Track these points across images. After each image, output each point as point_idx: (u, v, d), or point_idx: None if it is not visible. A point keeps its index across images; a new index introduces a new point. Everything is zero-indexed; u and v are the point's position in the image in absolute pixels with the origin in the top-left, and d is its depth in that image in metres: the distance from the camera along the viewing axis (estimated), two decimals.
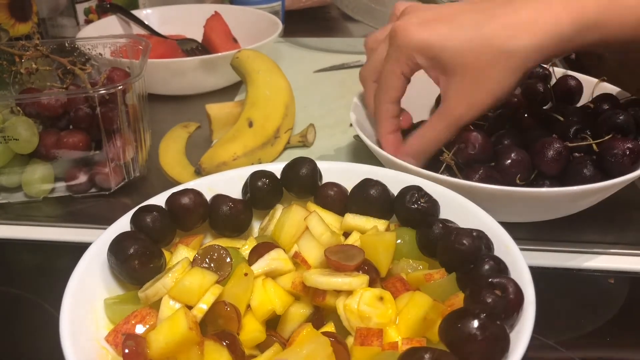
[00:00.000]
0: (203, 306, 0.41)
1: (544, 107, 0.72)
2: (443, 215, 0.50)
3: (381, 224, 0.50)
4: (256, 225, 0.55)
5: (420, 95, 0.76)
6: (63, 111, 0.67)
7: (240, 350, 0.39)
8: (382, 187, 0.51)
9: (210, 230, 0.53)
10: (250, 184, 0.53)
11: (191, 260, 0.45)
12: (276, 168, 0.55)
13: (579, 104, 0.72)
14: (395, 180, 0.53)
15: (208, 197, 0.52)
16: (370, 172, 0.55)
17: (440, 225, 0.47)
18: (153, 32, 1.07)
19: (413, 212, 0.50)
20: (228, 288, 0.43)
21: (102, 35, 0.81)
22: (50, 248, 0.64)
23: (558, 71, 0.75)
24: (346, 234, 0.50)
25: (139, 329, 0.42)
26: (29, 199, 0.69)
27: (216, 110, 0.81)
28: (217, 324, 0.41)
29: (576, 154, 0.60)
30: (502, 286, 0.40)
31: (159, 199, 0.52)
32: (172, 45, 1.03)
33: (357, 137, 0.77)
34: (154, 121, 0.80)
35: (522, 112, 0.68)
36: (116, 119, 0.66)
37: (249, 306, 0.43)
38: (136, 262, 0.44)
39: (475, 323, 0.36)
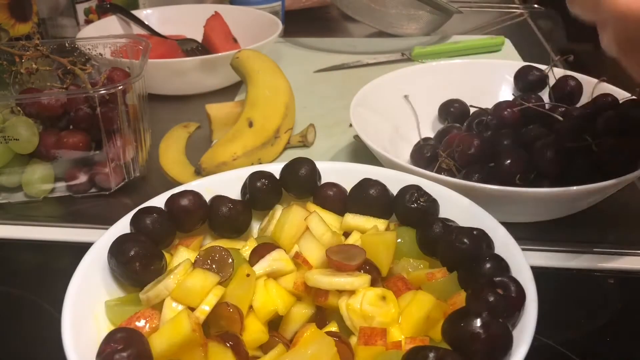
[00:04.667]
0: (205, 307, 0.41)
1: (544, 108, 0.72)
2: (442, 214, 0.50)
3: (381, 224, 0.50)
4: (255, 226, 0.55)
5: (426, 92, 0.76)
6: (63, 111, 0.67)
7: (244, 351, 0.39)
8: (382, 187, 0.52)
9: (209, 232, 0.53)
10: (249, 185, 0.53)
11: (192, 261, 0.45)
12: (275, 168, 0.55)
13: (579, 104, 0.72)
14: (394, 180, 0.53)
15: (207, 198, 0.52)
16: (370, 172, 0.55)
17: (440, 224, 0.47)
18: (153, 32, 1.07)
19: (413, 212, 0.50)
20: (230, 289, 0.43)
21: (102, 35, 0.81)
22: (50, 248, 0.64)
23: (558, 71, 0.76)
24: (346, 234, 0.50)
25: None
26: (29, 199, 0.69)
27: (216, 110, 0.81)
28: (220, 325, 0.41)
29: (576, 154, 0.61)
30: (503, 285, 0.40)
31: (159, 200, 0.52)
32: (172, 45, 1.03)
33: (357, 137, 0.77)
34: (154, 121, 0.80)
35: (522, 112, 0.68)
36: (116, 119, 0.66)
37: (251, 307, 0.43)
38: (137, 264, 0.44)
39: (478, 322, 0.36)
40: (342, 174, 0.55)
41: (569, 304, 0.55)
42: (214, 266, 0.44)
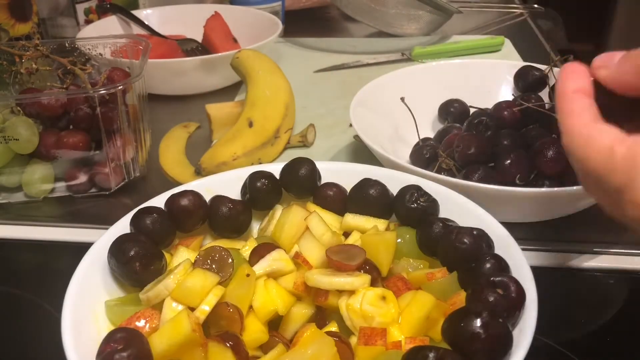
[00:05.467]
0: (205, 307, 0.41)
1: (544, 108, 0.72)
2: (443, 214, 0.50)
3: (381, 224, 0.50)
4: (255, 226, 0.55)
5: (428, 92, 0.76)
6: (63, 111, 0.67)
7: (244, 351, 0.39)
8: (382, 187, 0.52)
9: (209, 232, 0.53)
10: (249, 185, 0.53)
11: (192, 261, 0.45)
12: (275, 168, 0.55)
13: None
14: (394, 180, 0.53)
15: (207, 198, 0.52)
16: (370, 172, 0.55)
17: (441, 224, 0.47)
18: (153, 32, 1.07)
19: (413, 212, 0.50)
20: (230, 289, 0.43)
21: (102, 35, 0.81)
22: (50, 248, 0.64)
23: (558, 71, 0.75)
24: (346, 234, 0.50)
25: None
26: (29, 199, 0.69)
27: (216, 110, 0.81)
28: (220, 325, 0.41)
29: None
30: (503, 285, 0.40)
31: (159, 200, 0.52)
32: (172, 45, 1.03)
33: (357, 137, 0.77)
34: (154, 121, 0.80)
35: (522, 112, 0.68)
36: (116, 119, 0.66)
37: (251, 307, 0.43)
38: (137, 264, 0.44)
39: (478, 322, 0.36)
40: (342, 174, 0.55)
41: (569, 304, 0.55)
42: (214, 266, 0.44)
